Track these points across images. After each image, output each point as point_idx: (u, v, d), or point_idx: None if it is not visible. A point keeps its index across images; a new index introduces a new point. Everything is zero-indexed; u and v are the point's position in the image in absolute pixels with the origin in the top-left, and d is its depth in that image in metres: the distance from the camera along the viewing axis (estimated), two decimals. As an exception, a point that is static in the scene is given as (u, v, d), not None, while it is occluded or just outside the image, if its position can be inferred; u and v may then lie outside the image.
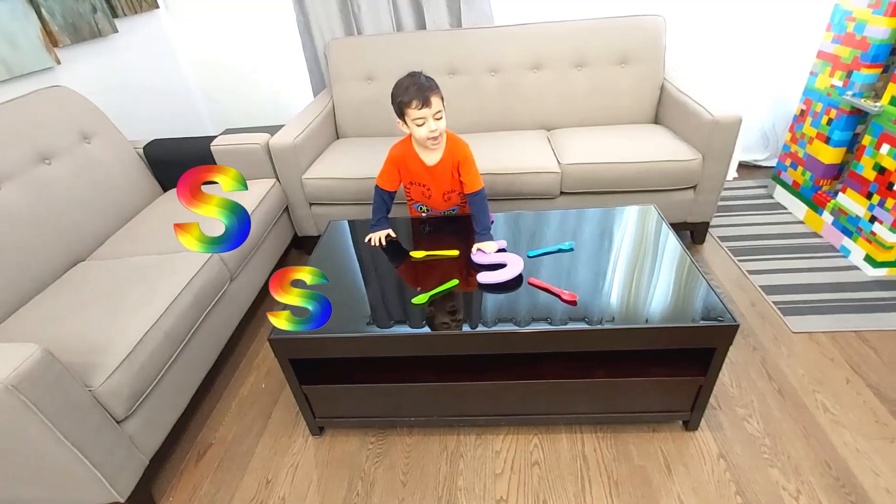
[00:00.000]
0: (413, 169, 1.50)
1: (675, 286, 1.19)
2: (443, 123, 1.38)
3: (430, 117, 1.34)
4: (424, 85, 1.33)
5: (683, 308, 1.12)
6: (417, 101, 1.31)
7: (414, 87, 1.32)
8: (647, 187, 1.88)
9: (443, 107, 1.36)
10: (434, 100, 1.33)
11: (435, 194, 1.55)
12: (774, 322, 1.64)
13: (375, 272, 1.36)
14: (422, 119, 1.34)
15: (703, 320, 1.07)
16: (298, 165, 1.95)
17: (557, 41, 2.17)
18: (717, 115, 1.74)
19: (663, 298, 1.15)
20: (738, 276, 1.87)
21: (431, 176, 1.50)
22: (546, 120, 2.27)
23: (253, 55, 2.63)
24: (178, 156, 1.97)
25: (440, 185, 1.53)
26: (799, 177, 2.18)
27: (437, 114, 1.35)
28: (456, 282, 1.26)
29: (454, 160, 1.47)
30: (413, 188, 1.56)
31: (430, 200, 1.58)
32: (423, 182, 1.53)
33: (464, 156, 1.47)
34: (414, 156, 1.48)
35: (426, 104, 1.32)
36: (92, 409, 1.05)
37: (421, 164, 1.48)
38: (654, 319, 1.09)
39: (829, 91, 1.98)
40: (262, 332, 1.81)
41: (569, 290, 1.18)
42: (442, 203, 1.58)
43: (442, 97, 1.37)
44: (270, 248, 1.92)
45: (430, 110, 1.33)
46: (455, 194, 1.57)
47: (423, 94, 1.31)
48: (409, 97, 1.32)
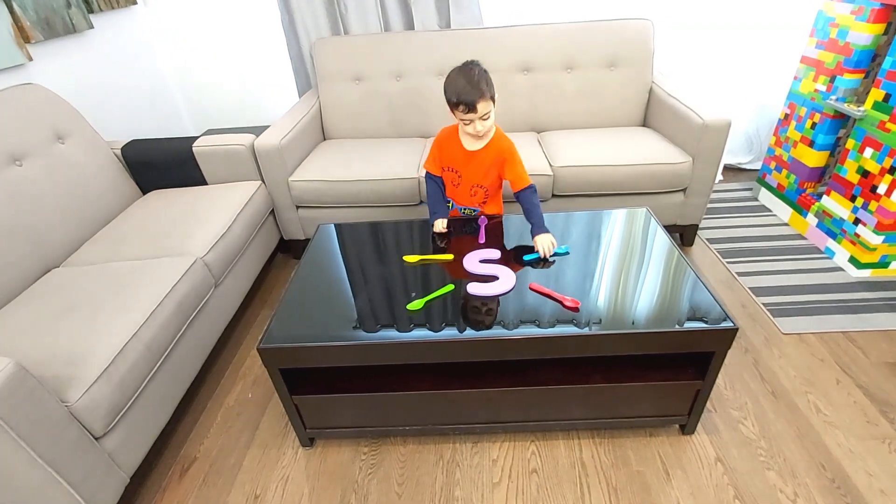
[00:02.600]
0: (451, 152, 1.48)
1: (674, 290, 1.18)
2: (490, 121, 1.36)
3: (477, 120, 1.33)
4: (473, 89, 1.28)
5: (683, 312, 1.11)
6: (464, 107, 1.30)
7: (463, 89, 1.28)
8: (637, 190, 1.89)
9: (491, 107, 1.33)
10: (481, 105, 1.30)
11: (464, 183, 1.51)
12: (765, 324, 1.65)
13: (367, 277, 1.32)
14: (468, 120, 1.34)
15: (703, 324, 1.07)
16: (285, 167, 1.89)
17: (547, 43, 2.16)
18: (707, 119, 1.75)
19: (663, 303, 1.14)
20: (727, 278, 1.88)
21: (466, 162, 1.47)
22: (536, 122, 2.26)
23: (235, 54, 2.56)
24: (159, 157, 1.90)
25: (472, 175, 1.49)
26: (784, 180, 2.21)
27: (484, 115, 1.33)
28: (452, 287, 1.23)
29: (498, 154, 1.44)
30: (445, 174, 1.53)
31: (457, 190, 1.54)
32: (456, 167, 1.49)
33: (510, 152, 1.44)
34: (456, 139, 1.47)
35: (472, 110, 1.30)
36: (68, 426, 0.99)
37: (460, 147, 1.46)
38: (656, 324, 1.08)
39: (813, 96, 2.02)
40: (249, 339, 1.75)
41: (570, 296, 1.16)
42: (467, 196, 1.54)
43: (493, 97, 1.33)
44: (256, 252, 1.86)
45: (475, 115, 1.31)
46: (482, 191, 1.53)
47: (470, 100, 1.29)
48: (456, 100, 1.30)
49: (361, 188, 1.89)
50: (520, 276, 1.26)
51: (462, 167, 1.49)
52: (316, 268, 1.37)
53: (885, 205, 1.69)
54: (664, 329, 1.06)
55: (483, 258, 1.34)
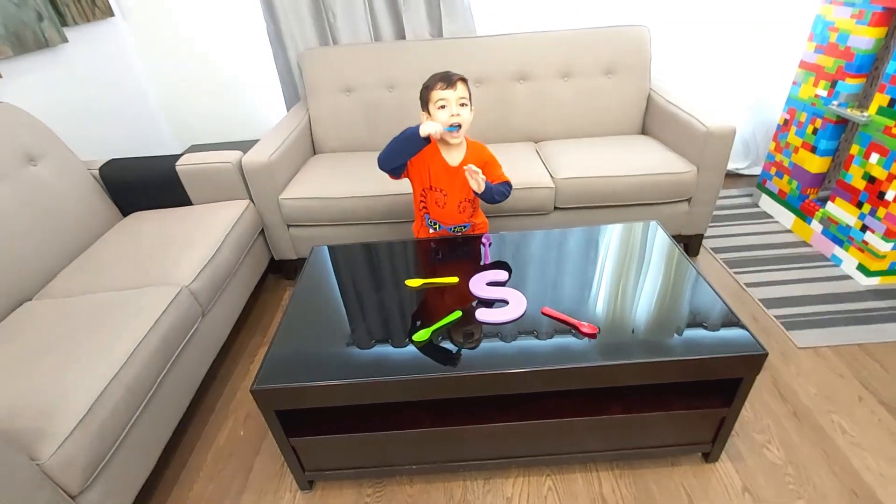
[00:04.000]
0: (435, 170, 1.41)
1: (697, 313, 1.12)
2: (466, 114, 1.33)
3: (454, 101, 1.30)
4: (453, 72, 1.33)
5: (709, 337, 1.04)
6: (443, 83, 1.30)
7: (442, 73, 1.33)
8: (641, 201, 1.83)
9: (469, 100, 1.33)
10: (460, 85, 1.31)
11: (451, 202, 1.45)
12: (779, 338, 1.59)
13: (366, 306, 1.24)
14: (444, 101, 1.30)
15: (731, 350, 1.00)
16: (274, 185, 1.80)
17: (542, 52, 2.11)
18: (710, 126, 1.70)
19: (685, 327, 1.07)
20: (736, 290, 1.83)
21: (452, 178, 1.42)
22: (533, 132, 2.20)
23: (220, 66, 2.46)
24: (140, 177, 1.79)
25: (458, 191, 1.44)
26: (785, 186, 2.18)
27: (461, 99, 1.31)
28: (459, 314, 1.15)
29: (479, 161, 1.40)
30: (430, 195, 1.46)
31: (444, 210, 1.47)
32: (442, 187, 1.43)
33: (489, 155, 1.46)
34: (437, 155, 1.41)
35: (451, 86, 1.30)
36: (41, 487, 0.88)
37: (443, 164, 1.41)
38: (681, 351, 1.01)
39: (814, 101, 1.99)
40: (239, 370, 1.65)
41: (586, 321, 1.09)
42: (455, 214, 1.48)
43: (470, 90, 1.35)
44: (246, 274, 1.76)
45: (454, 92, 1.30)
46: (468, 204, 1.48)
47: (450, 77, 1.31)
48: (435, 80, 1.32)
49: (356, 205, 1.81)
50: (531, 299, 1.18)
51: (448, 185, 1.43)
52: (310, 296, 1.28)
53: (895, 211, 1.65)
54: (690, 356, 1.00)
55: (490, 280, 1.26)
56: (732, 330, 1.06)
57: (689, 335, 1.05)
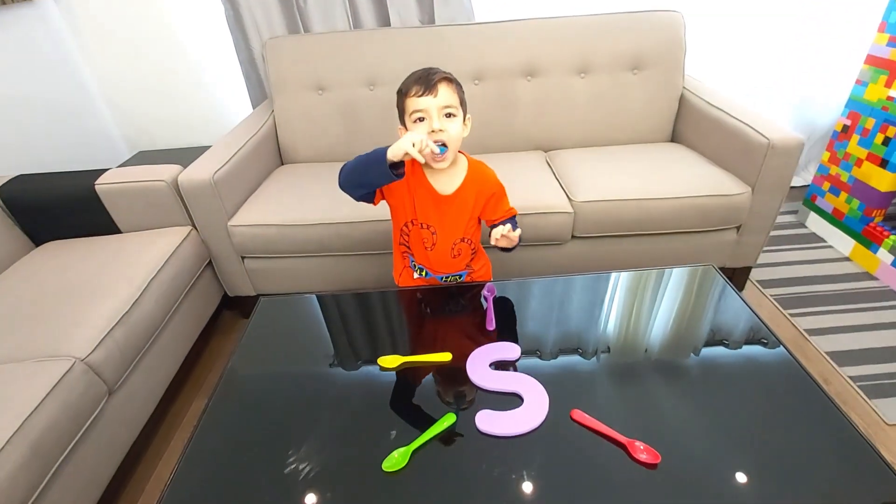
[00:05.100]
0: (420, 200, 1.03)
1: (802, 428, 0.77)
2: (454, 129, 0.94)
3: (434, 110, 0.91)
4: (436, 70, 0.94)
5: (831, 473, 0.70)
6: (418, 87, 0.91)
7: (420, 71, 0.94)
8: (678, 229, 1.48)
9: (459, 107, 0.95)
10: (443, 88, 0.92)
11: (441, 242, 1.07)
12: (861, 409, 1.26)
13: (319, 404, 0.87)
14: (421, 112, 0.92)
15: (875, 499, 0.66)
16: (222, 208, 1.44)
17: (555, 42, 1.74)
18: (773, 139, 1.35)
19: (796, 453, 0.72)
20: (795, 338, 1.49)
21: (441, 212, 1.04)
22: (542, 139, 1.85)
23: (175, 57, 2.09)
24: (53, 198, 1.43)
25: (451, 229, 1.06)
26: (842, 205, 1.83)
27: (445, 108, 0.92)
28: (453, 418, 0.80)
29: (481, 193, 1.04)
30: (414, 232, 1.08)
31: (432, 253, 1.09)
32: (429, 222, 1.05)
33: (496, 184, 1.06)
34: (422, 179, 1.02)
35: (430, 91, 0.91)
36: None
37: (431, 193, 1.02)
38: (799, 495, 0.66)
39: (886, 104, 1.64)
40: (172, 447, 1.29)
41: (640, 439, 0.74)
42: (447, 259, 1.10)
43: (461, 94, 0.96)
44: (185, 321, 1.40)
45: (434, 100, 0.91)
46: (467, 246, 1.10)
47: (429, 79, 0.91)
48: (410, 82, 0.94)
49: (325, 234, 1.45)
50: (554, 392, 0.83)
51: (438, 221, 1.05)
52: (240, 390, 0.90)
53: None
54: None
55: (496, 359, 0.91)
56: (864, 457, 0.71)
57: (794, 461, 0.71)
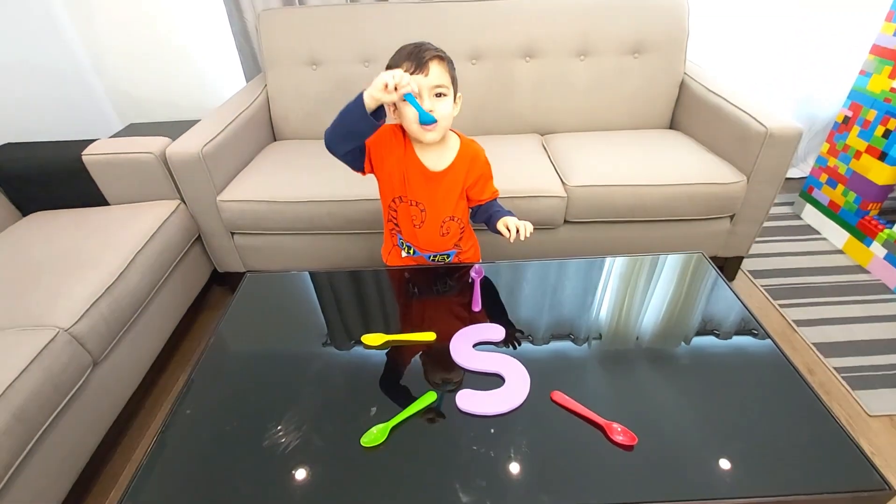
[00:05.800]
0: (411, 176, 1.02)
1: (783, 413, 0.77)
2: (444, 108, 0.92)
3: (425, 90, 0.90)
4: (427, 46, 0.91)
5: (808, 461, 0.70)
6: (409, 64, 0.89)
7: (411, 46, 0.92)
8: (672, 216, 1.47)
9: (450, 86, 0.93)
10: (435, 66, 0.90)
11: (430, 220, 1.07)
12: (844, 400, 1.27)
13: (301, 381, 0.87)
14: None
15: (848, 485, 0.66)
16: (211, 183, 1.42)
17: (554, 22, 1.71)
18: (771, 127, 1.33)
19: (773, 441, 0.72)
20: (783, 329, 1.49)
21: (431, 189, 1.03)
22: (539, 122, 1.82)
23: (169, 26, 2.04)
24: (40, 168, 1.41)
25: (441, 206, 1.05)
26: (838, 197, 1.82)
27: (436, 88, 0.91)
28: (433, 396, 0.80)
29: (471, 171, 1.03)
30: (402, 209, 1.07)
31: (420, 231, 1.09)
32: (418, 199, 1.04)
33: (485, 164, 1.07)
34: (412, 155, 1.01)
35: (421, 69, 0.89)
36: None
37: (421, 168, 1.01)
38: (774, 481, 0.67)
39: (889, 96, 1.61)
40: (157, 421, 1.29)
41: (617, 420, 0.74)
42: (436, 238, 1.10)
43: (452, 73, 0.94)
44: (173, 295, 1.40)
45: (424, 79, 0.89)
46: (455, 225, 1.10)
47: (420, 55, 0.89)
48: (400, 57, 0.91)
49: (315, 211, 1.44)
50: (536, 373, 0.82)
51: (428, 198, 1.04)
52: (221, 366, 0.90)
53: None
54: (789, 493, 0.66)
55: (479, 339, 0.90)
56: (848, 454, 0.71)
57: (779, 454, 0.71)
